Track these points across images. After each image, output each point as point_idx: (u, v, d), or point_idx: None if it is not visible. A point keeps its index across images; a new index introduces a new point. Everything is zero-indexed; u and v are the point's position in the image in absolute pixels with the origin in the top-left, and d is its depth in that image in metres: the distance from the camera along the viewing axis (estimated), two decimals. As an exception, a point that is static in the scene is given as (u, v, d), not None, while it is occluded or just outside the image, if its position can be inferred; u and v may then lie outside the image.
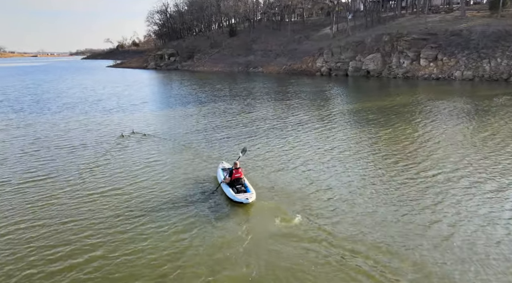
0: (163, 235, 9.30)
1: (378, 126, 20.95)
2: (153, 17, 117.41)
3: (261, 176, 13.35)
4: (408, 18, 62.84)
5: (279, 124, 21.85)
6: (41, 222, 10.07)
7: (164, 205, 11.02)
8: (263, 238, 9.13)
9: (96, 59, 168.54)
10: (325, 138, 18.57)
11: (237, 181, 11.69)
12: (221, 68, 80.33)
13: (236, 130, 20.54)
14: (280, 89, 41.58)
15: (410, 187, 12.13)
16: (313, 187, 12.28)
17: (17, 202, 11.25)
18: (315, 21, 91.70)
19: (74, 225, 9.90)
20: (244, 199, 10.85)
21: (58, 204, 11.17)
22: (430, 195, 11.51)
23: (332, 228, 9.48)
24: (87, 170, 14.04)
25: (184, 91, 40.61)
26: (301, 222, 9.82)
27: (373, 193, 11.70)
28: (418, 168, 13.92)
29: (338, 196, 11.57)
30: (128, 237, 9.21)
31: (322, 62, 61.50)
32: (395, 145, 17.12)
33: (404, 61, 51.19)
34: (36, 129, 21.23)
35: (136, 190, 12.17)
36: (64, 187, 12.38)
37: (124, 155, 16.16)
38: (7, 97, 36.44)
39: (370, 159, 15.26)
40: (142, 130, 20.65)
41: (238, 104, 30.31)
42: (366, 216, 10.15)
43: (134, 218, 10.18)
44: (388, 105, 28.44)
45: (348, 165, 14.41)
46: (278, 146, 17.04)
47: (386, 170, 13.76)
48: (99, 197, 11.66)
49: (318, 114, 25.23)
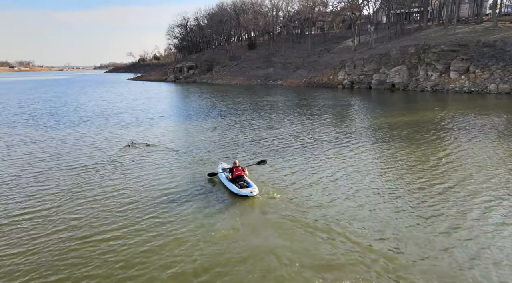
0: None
1: (404, 143, 18.71)
2: (173, 31, 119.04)
3: (282, 190, 12.19)
4: (435, 30, 60.27)
5: (302, 139, 19.94)
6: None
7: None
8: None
9: (118, 73, 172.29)
10: (347, 152, 16.55)
11: (239, 178, 12.24)
12: (240, 81, 79.44)
13: (256, 146, 18.75)
14: (301, 103, 39.71)
15: (434, 208, 10.66)
16: (331, 198, 11.53)
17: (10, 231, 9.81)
18: (335, 33, 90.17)
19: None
20: (249, 193, 11.40)
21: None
22: (456, 215, 10.21)
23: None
24: (83, 185, 12.57)
25: (203, 104, 39.27)
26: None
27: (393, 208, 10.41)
28: (443, 187, 12.40)
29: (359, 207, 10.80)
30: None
31: (344, 74, 59.46)
32: (422, 164, 15.02)
33: (432, 73, 48.51)
34: (43, 146, 19.91)
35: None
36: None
37: (137, 165, 15.39)
38: (25, 109, 36.01)
39: (393, 177, 13.43)
40: (160, 142, 19.24)
41: (257, 118, 28.62)
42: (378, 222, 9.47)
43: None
44: (416, 120, 26.05)
45: (369, 181, 13.05)
46: (300, 162, 15.13)
47: (409, 190, 12.09)
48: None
49: (341, 130, 23.17)
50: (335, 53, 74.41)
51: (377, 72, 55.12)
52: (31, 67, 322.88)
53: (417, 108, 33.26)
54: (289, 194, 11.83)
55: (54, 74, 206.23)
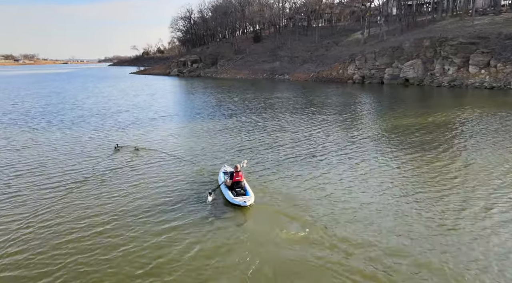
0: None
1: (422, 149, 16.46)
2: (177, 23, 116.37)
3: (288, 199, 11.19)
4: (451, 21, 57.24)
5: (309, 144, 17.78)
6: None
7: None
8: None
9: (122, 66, 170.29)
10: (356, 162, 14.44)
11: (237, 184, 11.77)
12: (245, 75, 77.04)
13: (260, 153, 16.60)
14: (311, 100, 37.33)
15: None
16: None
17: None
18: (344, 26, 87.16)
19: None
20: (242, 202, 10.88)
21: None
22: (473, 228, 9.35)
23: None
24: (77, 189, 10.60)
25: (207, 102, 36.88)
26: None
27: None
28: (461, 197, 11.23)
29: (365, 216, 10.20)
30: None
31: (354, 69, 56.86)
32: (440, 175, 13.08)
33: (449, 67, 45.83)
34: (26, 155, 17.89)
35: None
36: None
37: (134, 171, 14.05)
38: (18, 107, 34.01)
39: (403, 193, 11.62)
40: (157, 147, 17.19)
41: (264, 120, 26.44)
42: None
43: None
44: (436, 122, 23.65)
45: (376, 193, 11.82)
46: (305, 171, 13.02)
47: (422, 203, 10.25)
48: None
49: (352, 134, 20.91)
50: (344, 46, 71.63)
51: (389, 66, 52.48)
52: (35, 60, 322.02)
53: (435, 106, 30.79)
54: (290, 204, 11.03)
55: (58, 67, 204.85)
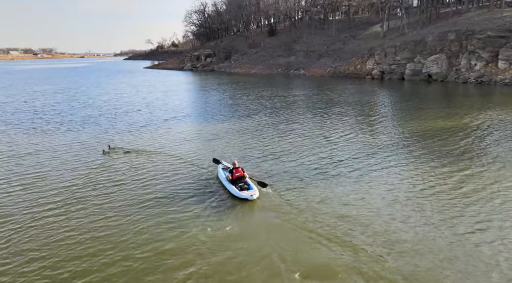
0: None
1: (450, 154, 14.74)
2: (191, 17, 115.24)
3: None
4: (478, 13, 54.04)
5: (330, 147, 16.30)
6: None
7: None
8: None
9: (136, 60, 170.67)
10: (380, 164, 12.83)
11: (240, 179, 11.93)
12: (259, 70, 75.43)
13: (273, 160, 15.22)
14: (329, 98, 35.57)
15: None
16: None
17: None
18: (361, 19, 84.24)
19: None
20: (249, 196, 11.12)
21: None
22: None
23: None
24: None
25: (222, 101, 34.90)
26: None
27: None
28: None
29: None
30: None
31: (373, 64, 54.53)
32: (470, 183, 11.12)
33: (476, 63, 43.16)
34: (32, 159, 17.13)
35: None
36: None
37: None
38: (28, 106, 33.45)
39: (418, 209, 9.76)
40: (169, 150, 16.05)
41: (280, 122, 25.00)
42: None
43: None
44: (463, 122, 21.71)
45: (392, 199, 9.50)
46: (318, 177, 11.59)
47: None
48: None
49: (378, 136, 19.29)
50: (362, 40, 69.06)
51: (411, 61, 50.01)
52: (53, 54, 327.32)
53: (463, 106, 28.62)
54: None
55: (75, 61, 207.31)
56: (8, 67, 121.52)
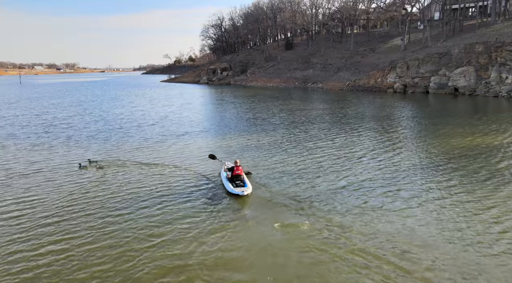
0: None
1: (482, 175, 12.58)
2: (207, 31, 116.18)
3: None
4: (506, 25, 51.58)
5: (353, 168, 14.42)
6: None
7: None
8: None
9: (154, 74, 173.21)
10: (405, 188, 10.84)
11: (237, 177, 12.43)
12: (276, 83, 74.32)
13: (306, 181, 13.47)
14: (349, 113, 33.65)
15: None
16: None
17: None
18: (380, 32, 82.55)
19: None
20: (240, 192, 11.69)
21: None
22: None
23: None
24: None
25: (239, 115, 33.09)
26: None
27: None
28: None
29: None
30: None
31: (395, 77, 52.43)
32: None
33: (507, 75, 40.58)
34: (38, 178, 15.93)
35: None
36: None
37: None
38: (41, 119, 32.94)
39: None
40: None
41: (306, 137, 23.31)
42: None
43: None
44: (496, 141, 19.44)
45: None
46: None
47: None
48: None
49: (408, 157, 17.30)
50: (381, 53, 67.23)
51: (435, 74, 47.73)
52: (75, 69, 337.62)
53: (498, 121, 26.20)
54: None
55: (95, 76, 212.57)
56: (27, 81, 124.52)
